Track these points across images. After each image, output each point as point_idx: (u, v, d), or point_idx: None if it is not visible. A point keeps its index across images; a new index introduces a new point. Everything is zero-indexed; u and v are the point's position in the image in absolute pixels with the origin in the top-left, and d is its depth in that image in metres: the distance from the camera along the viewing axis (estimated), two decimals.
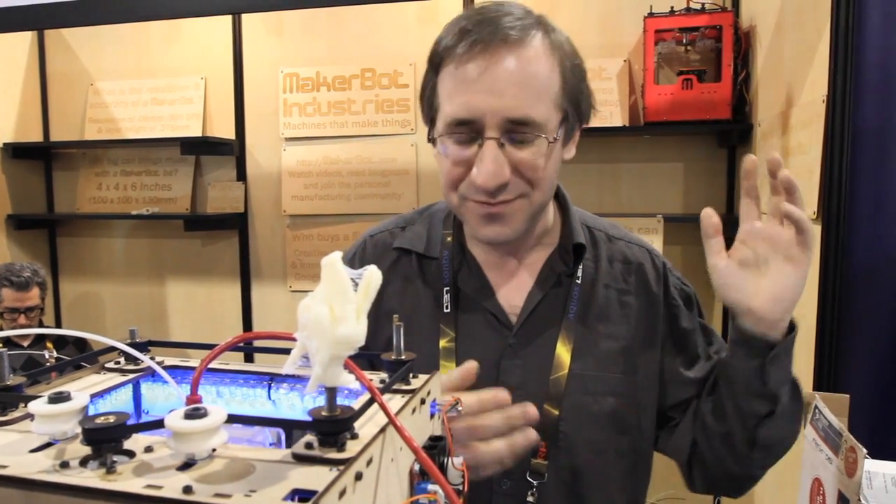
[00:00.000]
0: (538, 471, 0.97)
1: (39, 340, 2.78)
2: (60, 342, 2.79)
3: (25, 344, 2.74)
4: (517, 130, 0.90)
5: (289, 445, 0.60)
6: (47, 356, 2.60)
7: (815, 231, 1.66)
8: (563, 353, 1.00)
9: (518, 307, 1.03)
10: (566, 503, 0.99)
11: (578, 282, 1.03)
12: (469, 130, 0.91)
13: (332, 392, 0.47)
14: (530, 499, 0.96)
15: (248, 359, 2.32)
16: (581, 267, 1.04)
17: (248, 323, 3.27)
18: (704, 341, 1.09)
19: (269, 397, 0.68)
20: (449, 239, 1.06)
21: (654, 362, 1.05)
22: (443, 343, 1.01)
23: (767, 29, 2.31)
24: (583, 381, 1.00)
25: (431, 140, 0.99)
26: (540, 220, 1.03)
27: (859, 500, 0.75)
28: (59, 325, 3.49)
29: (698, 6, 2.52)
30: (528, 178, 0.92)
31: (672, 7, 2.54)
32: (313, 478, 0.42)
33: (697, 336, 1.08)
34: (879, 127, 1.56)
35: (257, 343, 0.66)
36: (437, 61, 0.95)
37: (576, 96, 0.96)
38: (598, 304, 1.03)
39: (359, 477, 0.44)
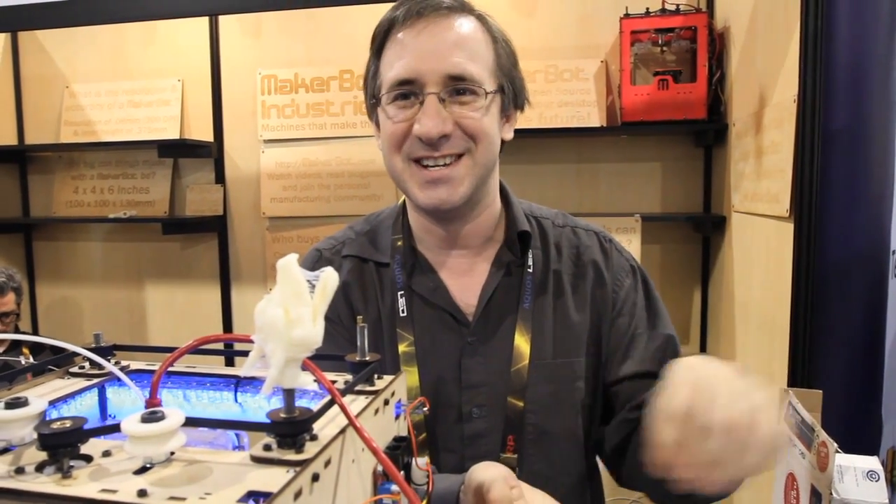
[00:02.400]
0: (508, 464, 0.96)
1: (15, 346, 2.74)
2: (37, 348, 2.75)
3: (0, 350, 2.70)
4: (456, 86, 0.94)
5: None
6: (23, 362, 2.56)
7: (788, 229, 1.70)
8: (522, 343, 1.00)
9: (473, 305, 1.03)
10: None
11: (530, 271, 1.04)
12: (410, 91, 0.95)
13: (289, 394, 0.47)
14: None
15: (230, 362, 2.31)
16: (531, 256, 1.05)
17: (227, 326, 3.24)
18: (647, 332, 1.05)
19: (236, 400, 0.68)
20: (399, 243, 1.06)
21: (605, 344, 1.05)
22: (402, 347, 1.01)
23: (741, 30, 2.33)
24: (546, 369, 1.00)
25: (375, 119, 1.03)
26: (486, 196, 1.03)
27: (831, 493, 0.76)
28: (35, 331, 3.44)
29: (673, 7, 2.54)
30: (469, 132, 0.95)
31: (647, 8, 2.56)
32: (269, 479, 0.42)
33: (639, 334, 1.05)
34: (849, 127, 1.58)
35: (238, 346, 0.65)
36: (377, 43, 1.00)
37: (510, 74, 1.01)
38: (553, 291, 1.04)
39: (316, 478, 0.44)
